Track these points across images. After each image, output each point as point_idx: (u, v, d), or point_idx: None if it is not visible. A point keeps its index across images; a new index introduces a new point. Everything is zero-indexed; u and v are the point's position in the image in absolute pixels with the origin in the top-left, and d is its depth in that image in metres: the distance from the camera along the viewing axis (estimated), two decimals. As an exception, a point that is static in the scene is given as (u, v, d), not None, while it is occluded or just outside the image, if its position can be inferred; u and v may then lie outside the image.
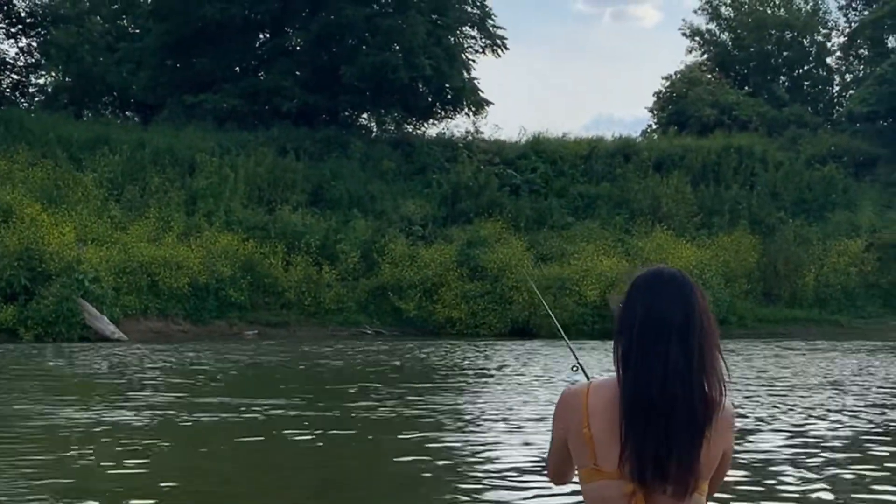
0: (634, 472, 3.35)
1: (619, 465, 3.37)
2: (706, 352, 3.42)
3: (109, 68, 61.06)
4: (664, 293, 3.47)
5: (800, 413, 17.13)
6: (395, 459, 12.85)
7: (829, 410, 17.64)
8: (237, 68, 62.10)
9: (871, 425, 15.86)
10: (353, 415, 17.14)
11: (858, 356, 32.14)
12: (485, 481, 11.32)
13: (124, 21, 66.22)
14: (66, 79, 63.91)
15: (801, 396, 19.78)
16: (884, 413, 17.43)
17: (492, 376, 25.08)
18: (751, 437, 14.08)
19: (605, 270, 46.48)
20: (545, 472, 3.80)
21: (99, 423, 15.66)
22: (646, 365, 3.40)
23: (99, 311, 40.19)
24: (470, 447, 13.69)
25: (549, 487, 10.46)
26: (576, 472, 3.62)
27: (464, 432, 15.15)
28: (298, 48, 62.38)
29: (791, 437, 14.33)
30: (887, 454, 13.16)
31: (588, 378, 3.55)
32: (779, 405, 18.20)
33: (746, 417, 16.11)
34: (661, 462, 3.33)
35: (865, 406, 18.36)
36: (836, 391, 21.02)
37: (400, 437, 14.60)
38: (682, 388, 3.36)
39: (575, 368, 4.14)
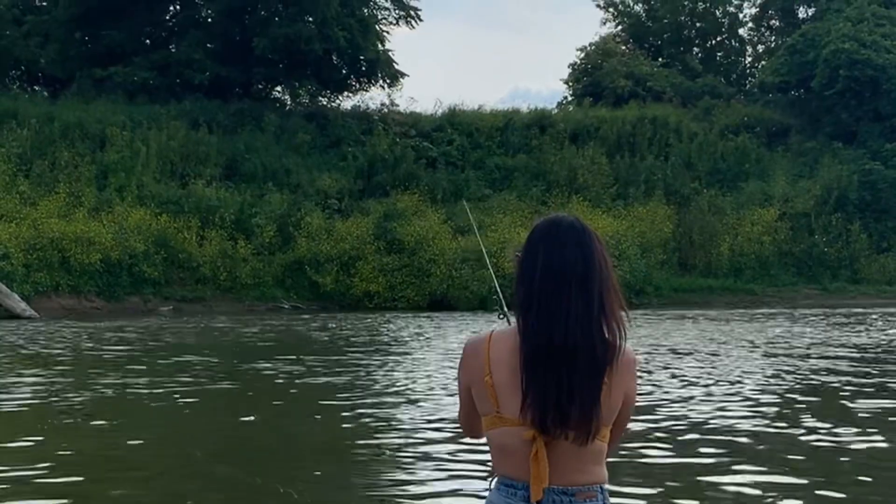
0: (536, 419, 3.32)
1: (520, 413, 3.35)
2: (605, 297, 3.41)
3: (17, 42, 59.69)
4: (563, 241, 3.47)
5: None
6: (316, 430, 12.68)
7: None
8: (147, 41, 61.14)
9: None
10: (276, 384, 16.92)
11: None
12: (406, 451, 11.18)
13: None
14: (-27, 53, 62.40)
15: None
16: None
17: (415, 348, 24.98)
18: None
19: (522, 242, 46.39)
20: (460, 427, 3.76)
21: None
22: (546, 313, 3.37)
23: (9, 289, 39.45)
24: (390, 417, 13.54)
25: (458, 447, 10.36)
26: None
27: (386, 401, 15.00)
28: (210, 20, 61.51)
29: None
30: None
31: (509, 321, 3.53)
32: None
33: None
34: (563, 408, 3.31)
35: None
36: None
37: (320, 406, 14.42)
38: (582, 334, 3.35)
39: (501, 317, 4.11)
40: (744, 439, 11.43)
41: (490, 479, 3.53)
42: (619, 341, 3.39)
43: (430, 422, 12.75)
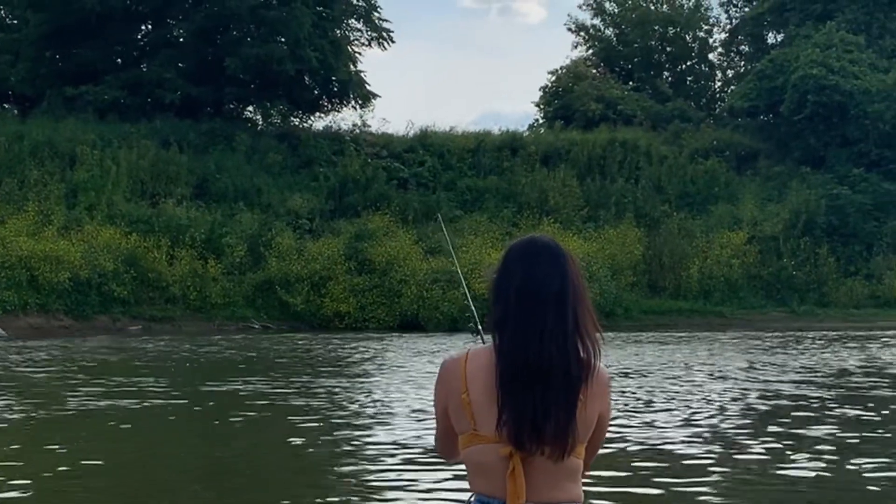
0: (511, 435, 3.36)
1: (496, 429, 3.39)
2: (580, 316, 3.47)
3: (-14, 59, 59.47)
4: (539, 261, 3.51)
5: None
6: (286, 447, 12.66)
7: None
8: (119, 59, 60.91)
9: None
10: (246, 403, 16.87)
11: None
12: (374, 471, 11.18)
13: (1, 11, 64.40)
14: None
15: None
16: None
17: (382, 369, 24.96)
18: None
19: (493, 263, 45.70)
20: (435, 450, 3.79)
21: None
22: (522, 331, 3.42)
23: (-24, 308, 39.23)
24: (362, 438, 13.53)
25: (432, 470, 10.37)
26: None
27: (355, 424, 14.98)
28: (181, 39, 61.40)
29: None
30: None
31: (483, 341, 3.57)
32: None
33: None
34: (538, 425, 3.35)
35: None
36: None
37: (288, 429, 14.39)
38: (558, 352, 3.39)
39: (475, 334, 4.16)
40: (703, 463, 11.48)
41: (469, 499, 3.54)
42: (593, 359, 3.44)
43: (398, 445, 12.75)
